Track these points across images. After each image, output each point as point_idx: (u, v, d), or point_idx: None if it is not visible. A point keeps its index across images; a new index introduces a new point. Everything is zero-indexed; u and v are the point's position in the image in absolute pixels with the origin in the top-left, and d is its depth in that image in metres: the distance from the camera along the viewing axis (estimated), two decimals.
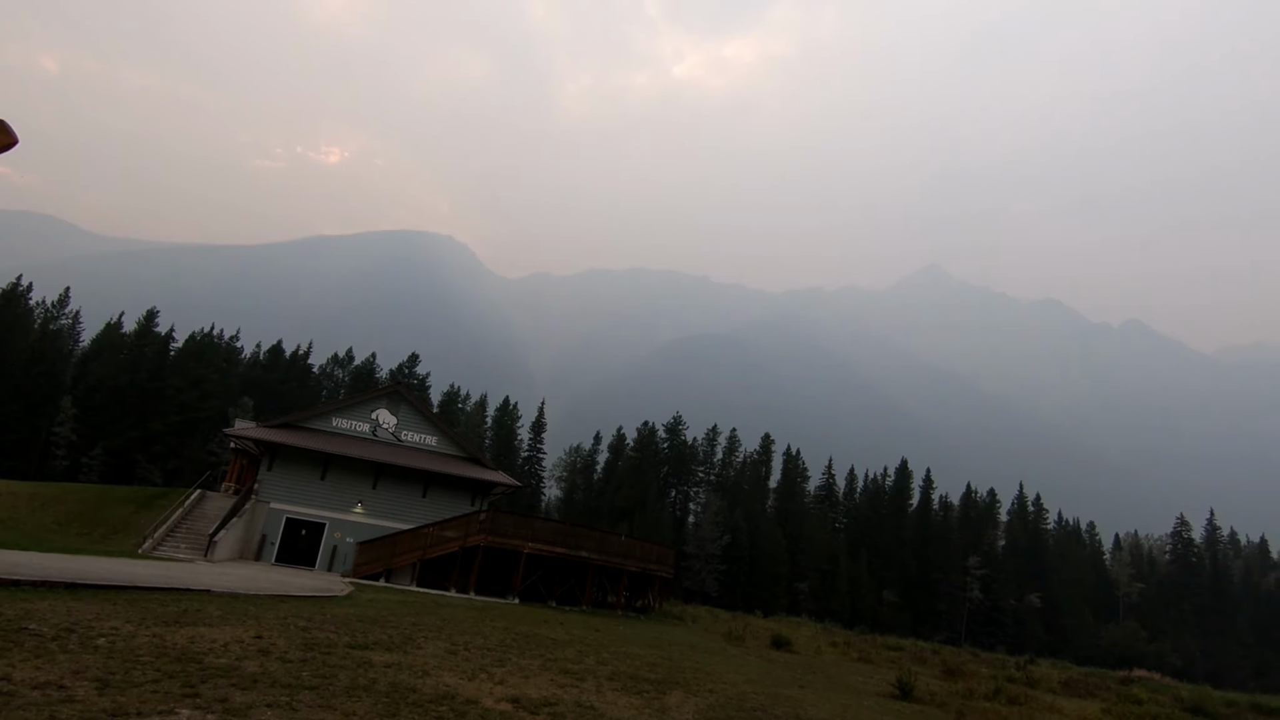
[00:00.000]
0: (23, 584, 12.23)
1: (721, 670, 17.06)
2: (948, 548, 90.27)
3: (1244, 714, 33.76)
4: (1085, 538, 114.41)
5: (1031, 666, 45.39)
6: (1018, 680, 31.56)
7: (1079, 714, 21.64)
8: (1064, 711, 21.89)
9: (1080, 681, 38.49)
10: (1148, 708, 27.78)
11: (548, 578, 30.12)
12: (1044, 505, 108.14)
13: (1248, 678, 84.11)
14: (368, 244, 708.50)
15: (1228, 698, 43.61)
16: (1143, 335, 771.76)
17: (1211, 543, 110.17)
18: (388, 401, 34.30)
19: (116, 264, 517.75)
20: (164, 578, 16.24)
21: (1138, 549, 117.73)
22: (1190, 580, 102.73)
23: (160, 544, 25.91)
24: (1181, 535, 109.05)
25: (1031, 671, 39.12)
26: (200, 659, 9.02)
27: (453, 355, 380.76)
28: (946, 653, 47.56)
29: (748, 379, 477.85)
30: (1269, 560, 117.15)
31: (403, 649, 12.19)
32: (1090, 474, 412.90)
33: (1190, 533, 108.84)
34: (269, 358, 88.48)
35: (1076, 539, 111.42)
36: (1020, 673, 36.78)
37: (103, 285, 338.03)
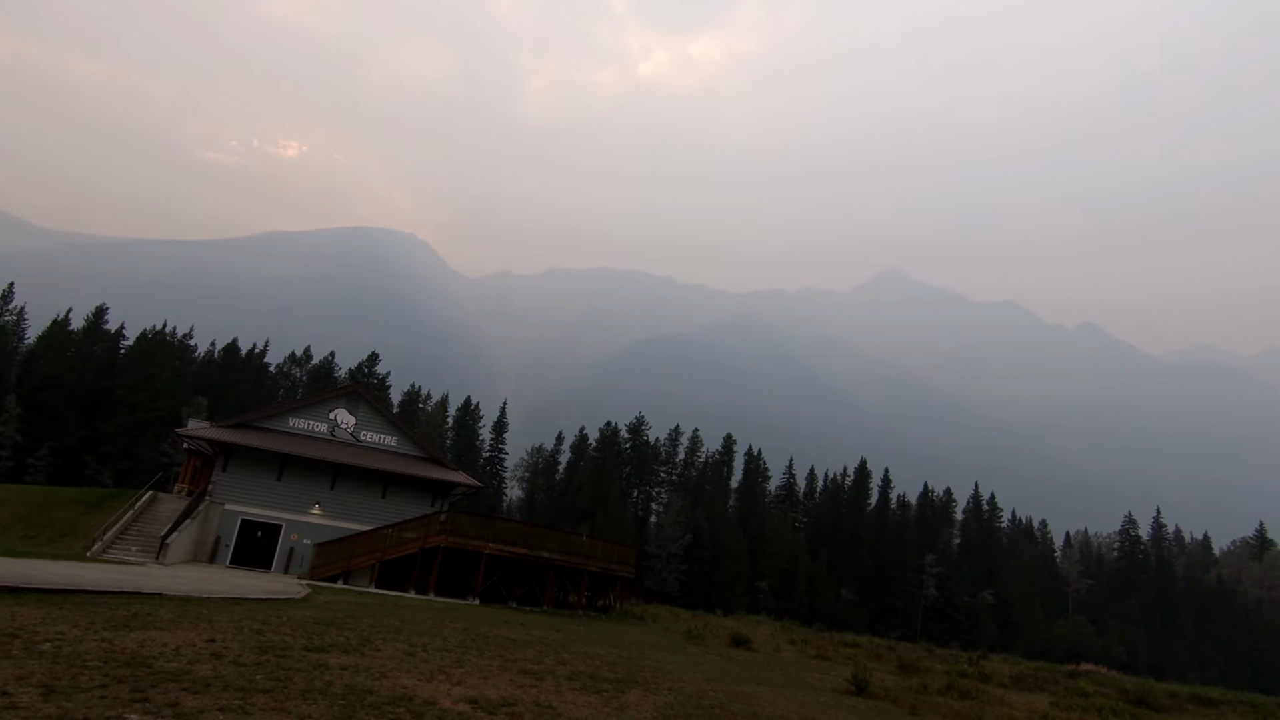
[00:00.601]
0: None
1: (681, 669, 17.30)
2: (904, 546, 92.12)
3: (1184, 705, 35.36)
4: (1037, 536, 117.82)
5: (984, 662, 46.73)
6: (970, 675, 32.47)
7: (1028, 708, 22.34)
8: (1014, 705, 22.65)
9: (1029, 676, 39.83)
10: (1094, 700, 28.86)
11: (509, 578, 30.06)
12: (998, 504, 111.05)
13: (1189, 670, 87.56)
14: (326, 241, 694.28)
15: (1170, 689, 45.54)
16: (1096, 338, 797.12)
17: (1157, 540, 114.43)
18: (346, 401, 33.83)
19: (63, 258, 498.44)
20: (114, 581, 15.85)
21: (1087, 546, 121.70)
22: (1136, 577, 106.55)
23: (110, 547, 25.19)
24: (1129, 533, 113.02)
25: (983, 667, 40.26)
26: (150, 663, 8.90)
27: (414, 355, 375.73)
28: (902, 649, 48.68)
29: (711, 380, 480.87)
30: (1210, 557, 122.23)
31: (360, 651, 12.14)
32: (1044, 473, 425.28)
33: (1137, 530, 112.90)
34: (224, 356, 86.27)
35: (1029, 537, 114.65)
36: (972, 668, 37.84)
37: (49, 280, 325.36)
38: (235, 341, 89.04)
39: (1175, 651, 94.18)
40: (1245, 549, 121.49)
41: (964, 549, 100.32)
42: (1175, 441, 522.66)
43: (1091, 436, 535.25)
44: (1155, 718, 26.70)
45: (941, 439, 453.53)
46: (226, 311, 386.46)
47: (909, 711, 17.17)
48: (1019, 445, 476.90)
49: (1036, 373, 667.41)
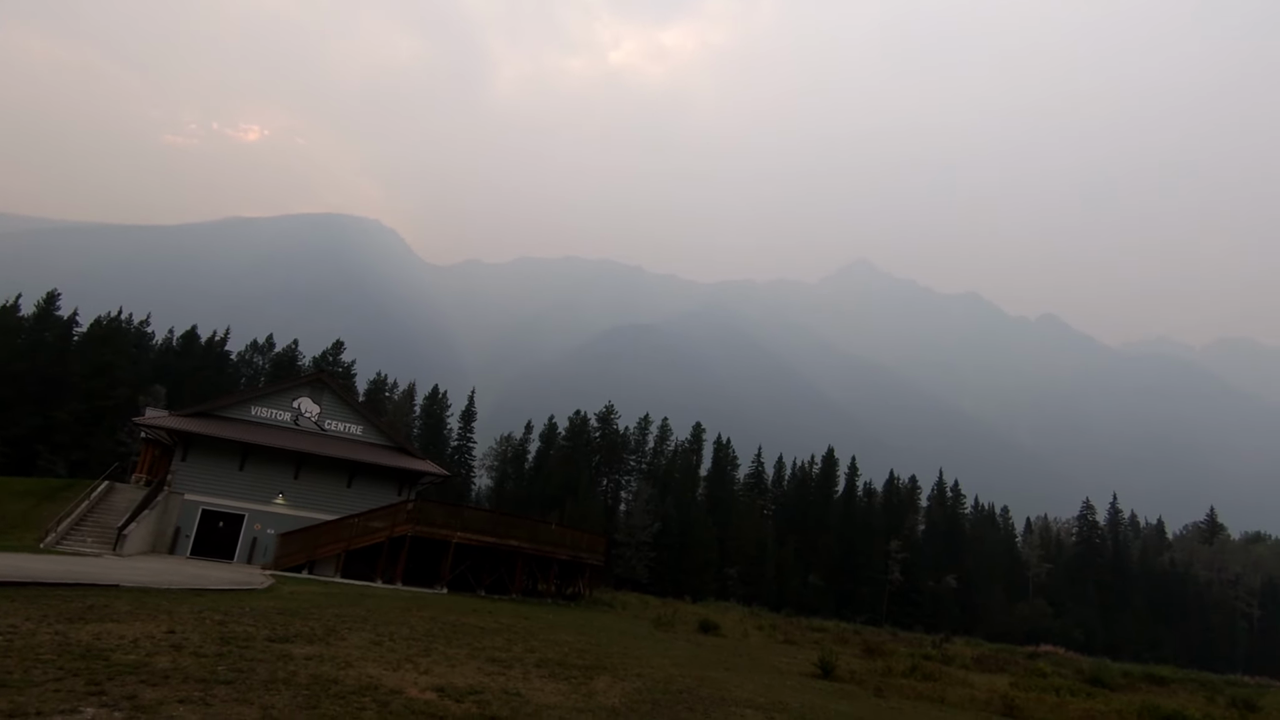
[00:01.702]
0: None
1: (649, 655, 17.45)
2: (870, 532, 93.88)
3: (1138, 683, 36.65)
4: (999, 521, 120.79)
5: (946, 644, 48.01)
6: (933, 658, 33.34)
7: (989, 688, 22.94)
8: (975, 686, 23.32)
9: (991, 657, 40.93)
10: (1052, 680, 29.83)
11: (477, 567, 29.96)
12: (962, 491, 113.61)
13: (1143, 649, 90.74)
14: (289, 227, 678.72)
15: (1124, 668, 47.23)
16: (1057, 329, 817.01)
17: (1114, 525, 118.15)
18: (310, 390, 33.28)
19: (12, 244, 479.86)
20: (68, 573, 15.45)
21: (1047, 532, 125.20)
22: (1093, 560, 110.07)
23: (65, 538, 24.50)
24: (1087, 518, 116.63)
25: (946, 649, 41.37)
26: (107, 655, 8.72)
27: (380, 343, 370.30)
28: (867, 633, 49.74)
29: (680, 369, 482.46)
30: (1164, 541, 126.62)
31: (325, 641, 12.02)
32: (1006, 461, 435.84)
33: (1095, 516, 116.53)
34: (182, 344, 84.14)
35: (991, 523, 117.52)
36: (936, 650, 38.86)
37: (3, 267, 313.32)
38: (194, 329, 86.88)
39: (1130, 632, 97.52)
40: (1197, 534, 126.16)
41: (928, 535, 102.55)
42: (1132, 430, 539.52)
43: (1052, 426, 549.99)
44: (1110, 696, 27.62)
45: (907, 428, 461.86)
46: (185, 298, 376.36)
47: (874, 693, 17.54)
48: (982, 434, 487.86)
49: (999, 363, 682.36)
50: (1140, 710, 22.00)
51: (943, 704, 17.92)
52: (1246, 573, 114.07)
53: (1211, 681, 43.50)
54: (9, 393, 64.81)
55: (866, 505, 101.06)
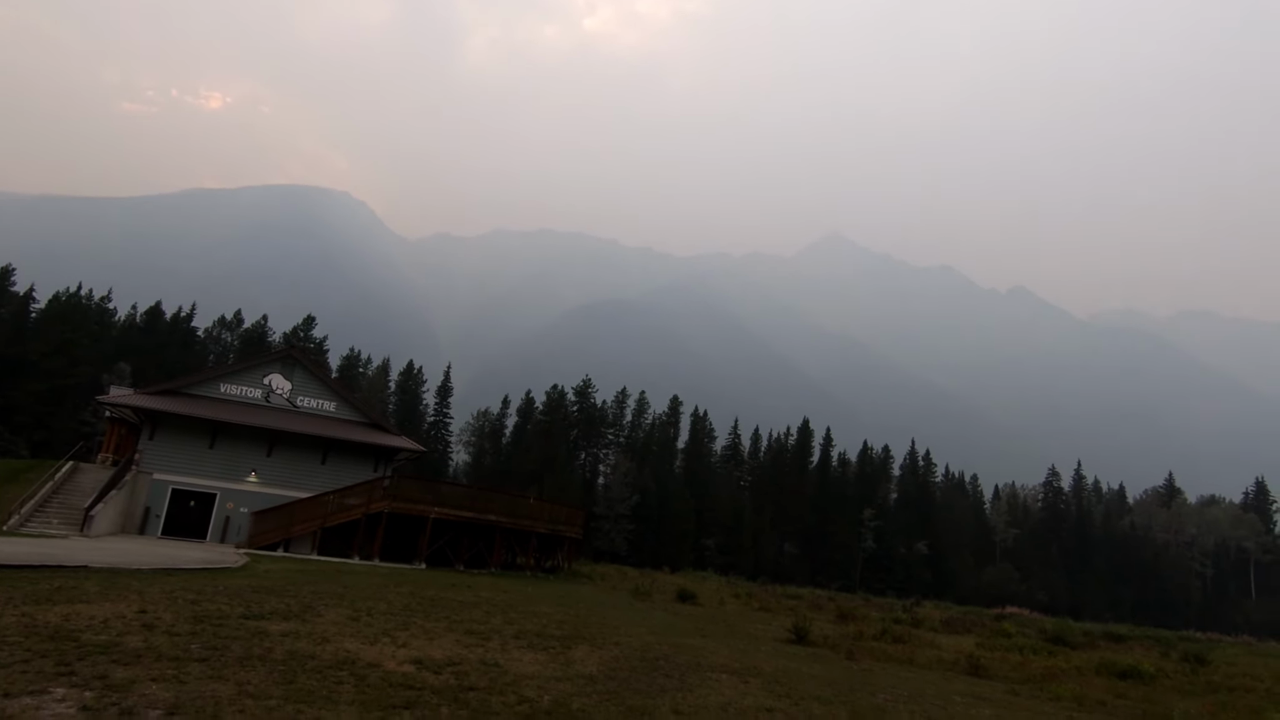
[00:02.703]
0: None
1: (627, 624, 17.68)
2: (844, 502, 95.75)
3: (1097, 641, 38.08)
4: (969, 489, 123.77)
5: (917, 609, 49.34)
6: (904, 621, 34.30)
7: (955, 649, 23.63)
8: (942, 647, 24.06)
9: (958, 620, 42.20)
10: (1016, 640, 30.89)
11: (455, 542, 30.00)
12: (933, 460, 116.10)
13: (1103, 609, 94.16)
14: (255, 199, 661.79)
15: (1085, 628, 49.05)
16: (1027, 301, 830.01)
17: (1078, 491, 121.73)
18: (281, 366, 32.76)
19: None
20: (34, 555, 15.16)
21: (1014, 498, 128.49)
22: (1058, 525, 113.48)
23: (29, 520, 23.99)
24: (1052, 485, 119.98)
25: (916, 613, 42.53)
26: (76, 636, 8.61)
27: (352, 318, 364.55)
28: (841, 599, 50.90)
29: (656, 343, 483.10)
30: (1125, 506, 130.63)
31: (301, 618, 11.98)
32: (976, 431, 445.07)
33: (1059, 482, 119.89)
34: (146, 320, 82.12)
35: (961, 490, 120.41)
36: (906, 614, 39.95)
37: None
38: (159, 305, 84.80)
39: (1092, 593, 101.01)
40: (1156, 498, 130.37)
41: (900, 503, 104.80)
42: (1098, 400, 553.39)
43: (1021, 397, 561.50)
44: (1070, 654, 28.64)
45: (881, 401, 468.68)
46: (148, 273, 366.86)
47: (846, 656, 17.97)
48: (953, 406, 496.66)
49: (971, 335, 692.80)
50: (1098, 666, 22.95)
51: (912, 665, 18.45)
52: (1201, 534, 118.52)
53: (1166, 638, 45.36)
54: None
55: (841, 475, 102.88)
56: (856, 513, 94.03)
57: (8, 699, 6.16)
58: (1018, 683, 17.16)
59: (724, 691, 10.43)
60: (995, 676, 18.09)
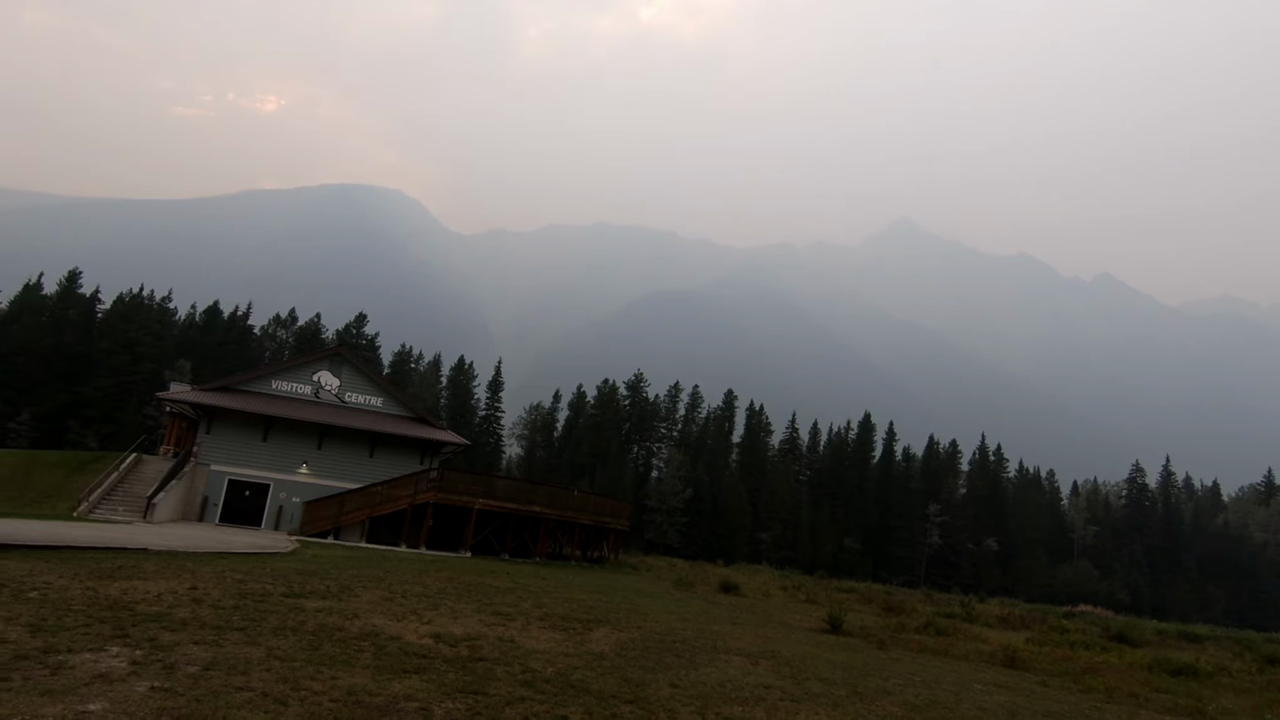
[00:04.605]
0: None
1: (657, 611, 18.36)
2: (909, 496, 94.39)
3: (1170, 640, 36.93)
4: (1045, 485, 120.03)
5: (980, 605, 48.61)
6: (957, 616, 34.00)
7: (1000, 642, 23.51)
8: (989, 640, 23.95)
9: (1017, 616, 41.41)
10: (1071, 635, 30.37)
11: (501, 532, 31.31)
12: (1005, 455, 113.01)
13: (1192, 611, 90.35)
14: (311, 198, 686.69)
15: (1159, 627, 47.43)
16: (1114, 289, 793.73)
17: (1165, 487, 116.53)
18: (330, 364, 34.68)
19: (29, 221, 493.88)
20: (99, 538, 16.81)
21: (1095, 495, 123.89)
22: (1142, 522, 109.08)
23: (96, 507, 26.31)
24: (1136, 480, 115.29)
25: (973, 608, 41.95)
26: (132, 607, 9.83)
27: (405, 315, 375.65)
28: (899, 594, 50.54)
29: (713, 336, 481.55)
30: (1219, 503, 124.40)
31: (338, 597, 13.12)
32: (1054, 424, 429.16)
33: (1144, 478, 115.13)
34: (205, 319, 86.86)
35: (1036, 486, 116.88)
36: (961, 610, 39.48)
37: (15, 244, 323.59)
38: (217, 304, 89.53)
39: (1179, 594, 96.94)
40: (1253, 494, 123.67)
41: (969, 499, 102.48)
42: (1189, 392, 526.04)
43: (1106, 390, 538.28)
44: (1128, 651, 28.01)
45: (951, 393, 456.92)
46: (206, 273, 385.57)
47: (877, 646, 18.25)
48: (1030, 400, 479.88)
49: (1051, 326, 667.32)
50: (1151, 663, 22.51)
51: (946, 656, 18.59)
52: None
53: (1250, 640, 43.48)
54: (37, 370, 68.05)
55: (905, 470, 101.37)
56: (921, 508, 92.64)
57: (71, 654, 7.31)
58: (1053, 676, 17.17)
59: (729, 671, 11.04)
60: (1032, 669, 18.07)
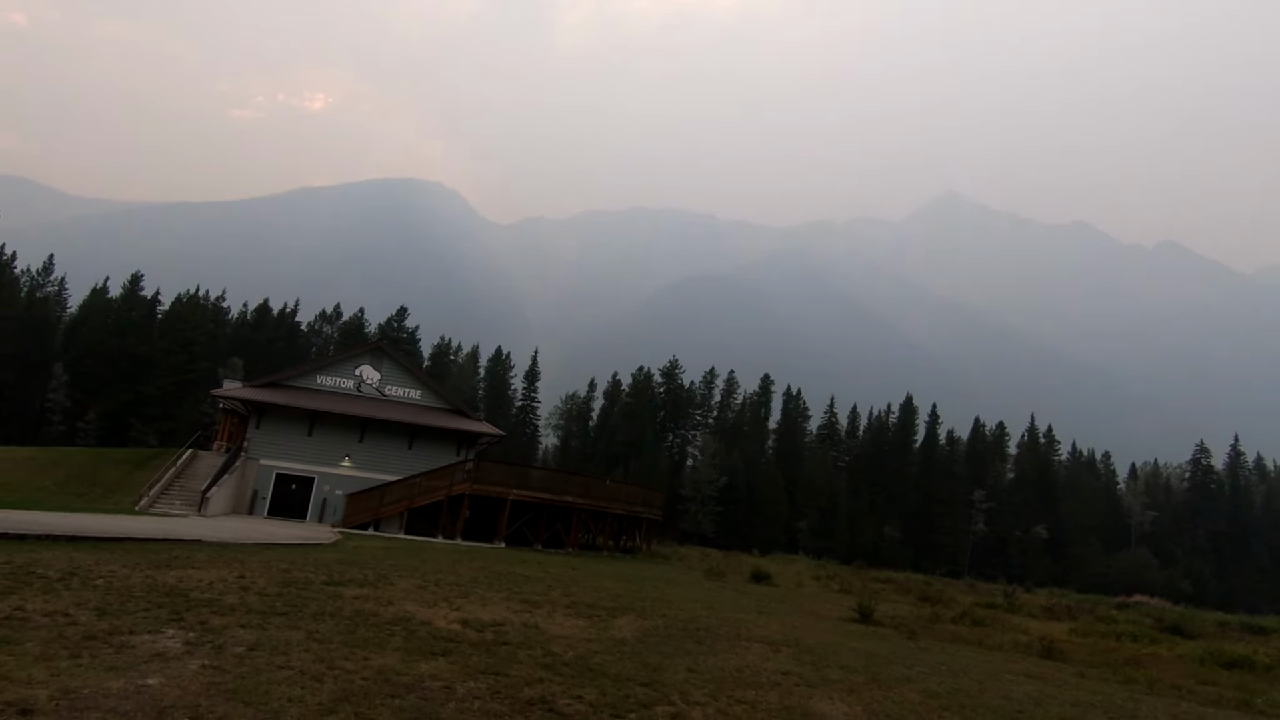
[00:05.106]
0: (28, 538, 13.99)
1: (684, 600, 18.84)
2: (952, 482, 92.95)
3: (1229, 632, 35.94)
4: (1100, 468, 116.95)
5: (1026, 594, 47.93)
6: (998, 606, 33.66)
7: (1041, 633, 23.37)
8: (1028, 631, 23.80)
9: (1062, 606, 40.78)
10: (1120, 626, 29.82)
11: (534, 522, 32.18)
12: (1056, 436, 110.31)
13: (1262, 602, 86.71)
14: (355, 194, 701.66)
15: (1220, 619, 45.82)
16: (1178, 256, 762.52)
17: (1234, 469, 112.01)
18: (370, 358, 35.97)
19: (97, 226, 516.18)
20: (158, 530, 18.05)
21: (1155, 478, 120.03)
22: (1207, 507, 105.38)
23: (156, 501, 27.96)
24: (1200, 462, 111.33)
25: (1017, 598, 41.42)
26: (187, 594, 10.72)
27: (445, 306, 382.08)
28: (939, 584, 50.02)
29: (750, 319, 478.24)
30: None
31: (375, 585, 13.93)
32: (1110, 404, 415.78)
33: (1210, 460, 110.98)
34: (256, 317, 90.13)
35: (1090, 469, 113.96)
36: (1004, 599, 39.03)
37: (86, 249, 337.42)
38: (267, 302, 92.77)
39: (1248, 583, 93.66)
40: None
41: (1016, 483, 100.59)
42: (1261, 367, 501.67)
43: (1168, 364, 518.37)
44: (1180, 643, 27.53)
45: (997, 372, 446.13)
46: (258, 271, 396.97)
47: (908, 636, 18.38)
48: (1084, 377, 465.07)
49: (1110, 297, 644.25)
50: (1203, 655, 22.07)
51: (980, 646, 18.63)
52: None
53: None
54: (103, 370, 71.61)
55: (948, 454, 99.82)
56: (966, 494, 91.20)
57: (133, 635, 8.13)
58: (1092, 667, 17.10)
59: (748, 657, 11.46)
60: (1070, 660, 18.02)
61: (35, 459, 35.15)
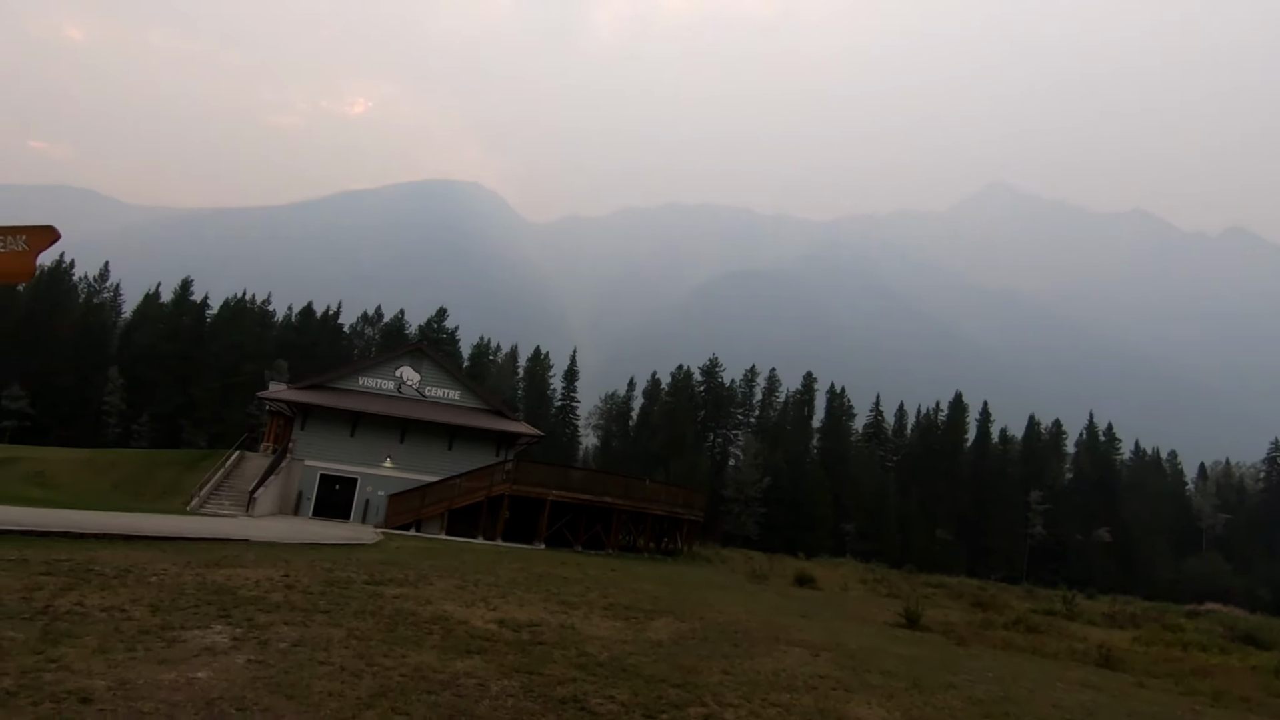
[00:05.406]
0: (87, 536, 14.77)
1: (724, 603, 18.83)
2: (1006, 482, 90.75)
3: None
4: (1166, 467, 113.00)
5: (1087, 601, 46.64)
6: (1056, 613, 32.86)
7: (1100, 641, 22.73)
8: (1086, 639, 23.19)
9: (1128, 614, 39.57)
10: (1187, 635, 28.87)
11: (574, 523, 32.49)
12: (1117, 435, 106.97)
13: None
14: (395, 197, 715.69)
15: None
16: (1246, 243, 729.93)
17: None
18: (410, 359, 36.77)
19: (150, 233, 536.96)
20: (208, 530, 18.84)
21: (1227, 478, 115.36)
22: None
23: (206, 502, 29.09)
24: (1276, 461, 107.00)
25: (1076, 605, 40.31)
26: (234, 591, 11.19)
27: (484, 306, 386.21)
28: (993, 589, 49.03)
29: (791, 316, 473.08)
30: None
31: (414, 585, 14.30)
32: (1176, 400, 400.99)
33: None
34: (300, 319, 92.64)
35: (1155, 469, 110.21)
36: (1063, 606, 38.03)
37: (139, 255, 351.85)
38: (310, 305, 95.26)
39: None
40: None
41: (1075, 485, 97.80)
42: None
43: (1238, 357, 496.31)
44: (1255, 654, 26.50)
45: (1053, 368, 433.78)
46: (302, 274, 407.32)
47: (957, 642, 18.07)
48: (1146, 372, 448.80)
49: (1171, 287, 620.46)
50: (1278, 666, 21.27)
51: (1034, 654, 18.24)
52: None
53: None
54: (156, 373, 74.53)
55: (1002, 453, 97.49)
56: (1021, 495, 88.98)
57: (184, 630, 8.54)
58: (1153, 677, 16.63)
59: (785, 661, 11.46)
60: (1130, 670, 17.52)
61: (93, 461, 36.89)
